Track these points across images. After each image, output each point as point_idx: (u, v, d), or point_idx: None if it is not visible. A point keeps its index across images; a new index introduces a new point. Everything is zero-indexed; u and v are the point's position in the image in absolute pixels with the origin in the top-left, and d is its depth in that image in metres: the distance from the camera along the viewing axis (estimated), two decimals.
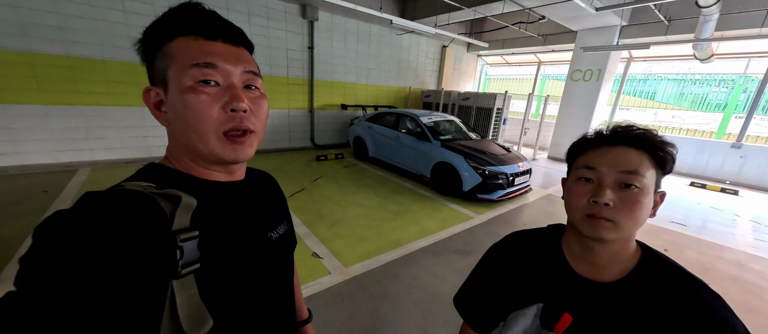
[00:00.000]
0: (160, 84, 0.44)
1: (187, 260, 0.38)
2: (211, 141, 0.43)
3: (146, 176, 0.45)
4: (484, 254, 0.70)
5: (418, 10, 6.87)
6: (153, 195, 0.39)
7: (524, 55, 9.18)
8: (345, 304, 1.98)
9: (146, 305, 0.35)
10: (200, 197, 0.43)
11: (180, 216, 0.39)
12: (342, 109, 7.06)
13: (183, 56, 0.42)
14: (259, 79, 0.48)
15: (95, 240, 0.32)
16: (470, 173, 3.89)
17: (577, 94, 6.78)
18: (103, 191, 0.38)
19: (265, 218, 0.55)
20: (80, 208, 0.35)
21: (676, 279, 0.50)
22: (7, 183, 3.58)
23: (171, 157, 0.48)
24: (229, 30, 0.46)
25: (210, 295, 0.40)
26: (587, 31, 6.31)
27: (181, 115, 0.43)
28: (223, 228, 0.45)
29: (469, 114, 7.09)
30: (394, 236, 2.96)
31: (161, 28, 0.43)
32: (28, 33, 3.77)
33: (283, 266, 0.58)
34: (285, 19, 5.71)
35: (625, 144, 0.49)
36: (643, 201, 0.47)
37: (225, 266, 0.44)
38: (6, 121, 3.87)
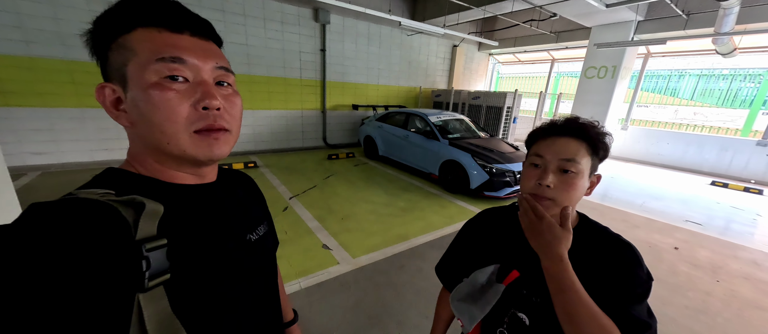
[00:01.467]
0: (118, 80, 0.40)
1: (155, 270, 0.35)
2: (181, 140, 0.40)
3: (104, 182, 0.41)
4: (461, 228, 0.83)
5: (427, 11, 6.95)
6: (111, 203, 0.36)
7: (537, 53, 9.06)
8: (352, 291, 2.12)
9: (106, 326, 0.32)
10: (168, 203, 0.40)
11: (145, 224, 0.36)
12: (353, 110, 7.23)
13: (145, 50, 0.38)
14: (231, 75, 0.46)
15: (39, 258, 0.29)
16: (478, 170, 3.95)
17: (591, 91, 6.65)
18: (53, 201, 0.35)
19: (242, 220, 0.53)
20: (24, 221, 0.32)
21: (601, 239, 0.62)
22: (50, 180, 3.94)
23: (133, 161, 0.44)
24: (197, 22, 0.43)
25: (183, 306, 0.38)
26: (601, 27, 6.19)
27: (145, 114, 0.39)
28: (194, 234, 0.43)
29: (479, 113, 7.09)
30: (401, 230, 3.08)
31: (117, 17, 0.39)
32: (67, 43, 4.14)
33: (264, 269, 0.56)
34: (298, 23, 5.93)
35: (567, 135, 0.60)
36: (578, 183, 0.58)
37: (199, 274, 0.41)
38: (49, 123, 4.26)
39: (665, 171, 6.39)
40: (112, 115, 0.41)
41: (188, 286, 0.39)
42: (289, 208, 3.46)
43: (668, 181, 5.58)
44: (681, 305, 2.14)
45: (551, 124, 0.63)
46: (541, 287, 0.61)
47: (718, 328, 1.95)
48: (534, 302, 0.62)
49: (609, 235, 0.63)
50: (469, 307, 0.65)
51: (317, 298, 2.03)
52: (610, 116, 6.50)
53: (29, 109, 4.13)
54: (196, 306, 0.40)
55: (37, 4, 3.88)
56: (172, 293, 0.37)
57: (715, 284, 2.41)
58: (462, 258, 0.78)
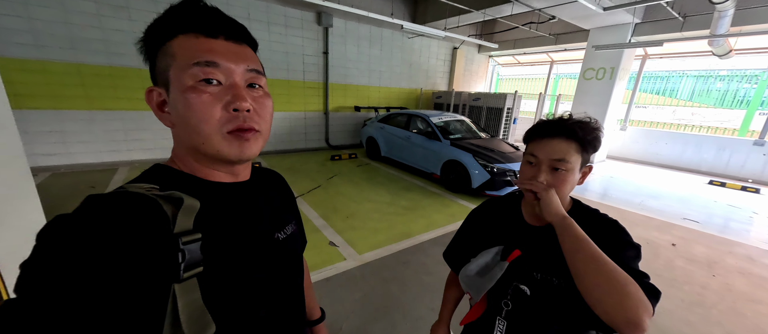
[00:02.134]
0: (163, 84, 0.43)
1: (190, 262, 0.37)
2: (215, 140, 0.43)
3: (151, 177, 0.45)
4: (467, 216, 0.92)
5: (428, 14, 7.06)
6: (155, 197, 0.39)
7: (536, 55, 9.17)
8: (359, 285, 2.19)
9: (147, 310, 0.35)
10: (204, 199, 0.43)
11: (182, 218, 0.39)
12: (355, 111, 7.32)
13: (184, 55, 0.41)
14: (263, 77, 0.48)
15: (96, 244, 0.32)
16: (479, 170, 4.03)
17: (590, 92, 6.74)
18: (106, 193, 0.38)
19: (272, 219, 0.54)
20: (82, 211, 0.35)
21: (591, 219, 0.70)
22: (60, 180, 4.02)
23: (176, 159, 0.48)
24: (232, 27, 0.45)
25: (213, 299, 0.40)
26: (599, 29, 6.29)
27: (183, 116, 0.42)
28: (226, 230, 0.45)
29: (480, 114, 7.19)
30: (405, 228, 3.15)
31: (162, 26, 0.42)
32: (77, 47, 4.24)
33: (290, 267, 0.57)
34: (302, 27, 6.04)
35: (557, 136, 0.67)
36: (569, 178, 0.67)
37: (228, 268, 0.43)
38: (59, 125, 4.36)
39: (663, 171, 6.46)
40: (158, 117, 0.45)
41: (218, 279, 0.41)
42: None
43: (666, 180, 5.66)
44: (677, 298, 2.21)
45: (545, 124, 0.70)
46: (541, 264, 0.70)
47: (713, 319, 2.02)
48: (534, 277, 0.70)
49: (597, 215, 0.71)
50: (477, 280, 0.73)
51: (326, 291, 2.10)
52: (608, 117, 6.59)
53: (41, 112, 4.22)
54: (224, 299, 0.42)
55: (48, 9, 3.98)
56: (204, 286, 0.39)
57: (711, 279, 2.48)
58: (468, 243, 0.86)
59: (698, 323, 1.98)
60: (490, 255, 0.75)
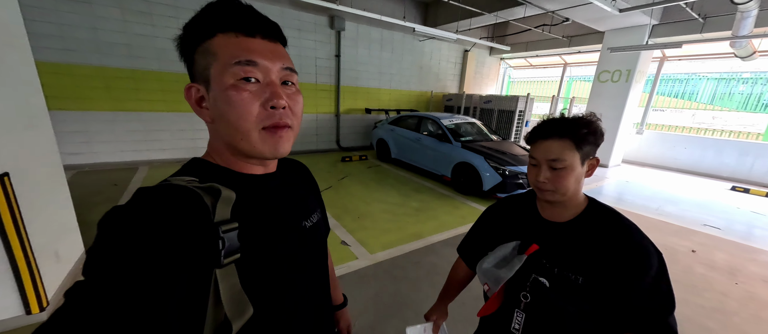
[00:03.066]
0: (202, 81, 0.45)
1: (229, 250, 0.40)
2: (252, 138, 0.45)
3: (190, 170, 0.48)
4: (482, 213, 0.94)
5: (439, 17, 7.08)
6: (196, 189, 0.41)
7: (549, 57, 9.06)
8: (371, 284, 2.22)
9: (194, 292, 0.38)
10: (238, 190, 0.45)
11: (221, 208, 0.41)
12: (366, 113, 7.38)
13: (225, 54, 0.43)
14: (295, 75, 0.49)
15: (148, 232, 0.35)
16: (491, 172, 4.01)
17: (605, 95, 6.62)
18: (154, 186, 0.41)
19: (299, 208, 0.57)
20: (134, 203, 0.38)
21: (608, 219, 0.71)
22: (84, 178, 4.21)
23: (212, 152, 0.50)
24: (267, 26, 0.47)
25: (249, 283, 0.42)
26: (615, 31, 6.18)
27: (223, 113, 0.44)
28: (260, 219, 0.48)
29: (491, 117, 7.14)
30: (415, 229, 3.17)
31: (201, 24, 0.44)
32: (102, 51, 4.44)
33: (317, 253, 0.60)
34: (315, 30, 6.15)
35: (552, 137, 0.70)
36: (568, 175, 0.69)
37: (263, 255, 0.46)
38: (83, 125, 4.56)
39: (682, 176, 6.27)
40: (197, 112, 0.47)
41: (253, 265, 0.44)
42: None
43: (685, 185, 5.49)
44: (696, 305, 2.15)
45: (540, 125, 0.73)
46: (560, 259, 0.72)
47: (734, 327, 1.96)
48: (553, 271, 0.72)
49: (614, 216, 0.72)
50: (495, 271, 0.75)
51: None
52: (624, 120, 6.45)
53: (67, 113, 4.43)
54: (259, 284, 0.44)
55: (76, 15, 4.19)
56: (241, 271, 0.42)
57: (733, 286, 2.40)
58: (484, 239, 0.88)
59: (719, 330, 1.92)
60: (508, 249, 0.77)
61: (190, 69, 0.47)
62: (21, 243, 1.42)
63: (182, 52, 0.46)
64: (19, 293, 1.46)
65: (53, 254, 1.72)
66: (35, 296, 1.50)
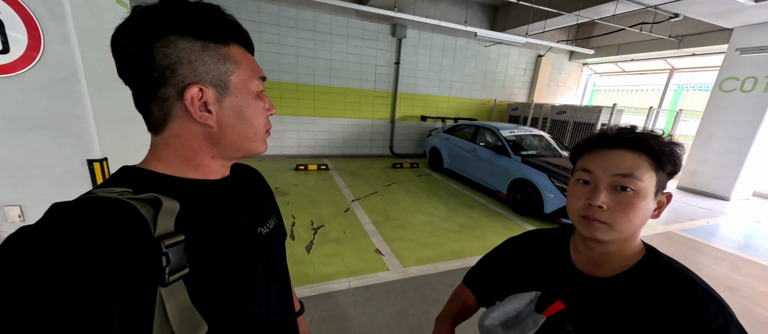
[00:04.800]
0: (215, 86, 0.43)
1: (174, 266, 0.37)
2: (259, 140, 0.49)
3: (121, 180, 0.42)
4: (502, 243, 0.77)
5: (508, 20, 6.59)
6: (130, 201, 0.37)
7: (650, 62, 7.56)
8: (397, 300, 2.11)
9: (133, 319, 0.34)
10: (183, 199, 0.42)
11: (162, 221, 0.37)
12: (421, 121, 7.27)
13: (248, 67, 0.45)
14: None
15: (64, 257, 0.30)
16: (555, 193, 3.49)
17: (729, 108, 5.19)
18: (73, 200, 0.36)
19: (254, 214, 0.54)
20: (47, 222, 0.33)
21: (672, 280, 0.49)
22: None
23: (155, 160, 0.45)
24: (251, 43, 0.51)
25: (202, 299, 0.40)
26: (747, 28, 4.81)
27: (246, 118, 0.46)
28: (210, 229, 0.44)
29: (565, 129, 6.29)
30: (457, 247, 2.93)
31: (212, 27, 0.42)
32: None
33: (276, 261, 0.58)
34: (377, 39, 6.34)
35: (622, 147, 0.50)
36: (639, 204, 0.48)
37: (215, 267, 0.43)
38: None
39: None
40: (196, 115, 0.42)
41: (206, 279, 0.41)
42: (350, 210, 3.68)
43: None
44: None
45: (601, 134, 0.54)
46: (590, 324, 0.53)
47: None
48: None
49: (681, 281, 0.48)
50: (502, 333, 0.59)
51: (363, 299, 2.09)
52: (758, 141, 4.94)
53: None
54: (214, 298, 0.42)
55: None
56: (192, 287, 0.38)
57: None
58: (498, 275, 0.72)
59: None
60: (523, 302, 0.60)
61: (176, 68, 0.40)
62: None
63: (147, 42, 0.39)
64: None
65: None
66: None
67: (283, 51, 5.73)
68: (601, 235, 0.50)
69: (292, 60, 5.83)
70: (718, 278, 2.64)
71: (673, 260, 0.53)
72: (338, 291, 2.15)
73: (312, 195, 4.11)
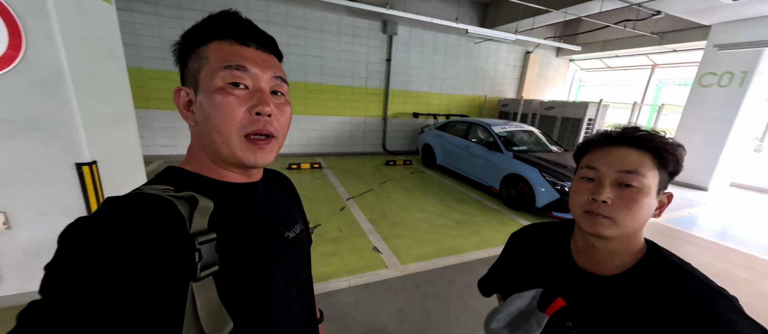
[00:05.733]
0: (191, 85, 0.45)
1: (206, 262, 0.38)
2: (232, 142, 0.44)
3: (165, 179, 0.46)
4: (507, 241, 0.78)
5: (498, 17, 6.65)
6: (171, 198, 0.40)
7: (633, 58, 7.80)
8: (398, 297, 2.13)
9: (167, 309, 0.36)
10: (217, 199, 0.44)
11: (197, 219, 0.40)
12: (414, 118, 7.29)
13: (216, 58, 0.43)
14: (285, 85, 0.50)
15: (116, 245, 0.33)
16: (546, 188, 3.57)
17: (708, 102, 5.41)
18: (124, 195, 0.39)
19: (281, 218, 0.55)
20: (102, 214, 0.36)
21: (674, 277, 0.50)
22: None
23: (191, 159, 0.49)
24: (262, 37, 0.47)
25: (229, 296, 0.41)
26: (726, 24, 5.01)
27: (207, 115, 0.43)
28: (240, 230, 0.46)
29: (553, 125, 6.42)
30: (454, 243, 2.97)
31: (199, 31, 0.45)
32: None
33: (300, 265, 0.57)
34: (368, 36, 6.30)
35: (626, 145, 0.52)
36: (642, 200, 0.49)
37: (243, 267, 0.44)
38: (172, 123, 5.39)
39: None
40: (183, 115, 0.47)
41: (233, 278, 0.42)
42: (345, 208, 3.67)
43: None
44: None
45: (605, 133, 0.55)
46: (591, 321, 0.54)
47: None
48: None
49: (685, 278, 0.49)
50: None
51: (364, 298, 2.10)
52: (735, 134, 5.18)
53: (163, 112, 5.30)
54: (239, 297, 0.42)
55: (172, 30, 4.99)
56: (220, 284, 0.40)
57: None
58: (504, 274, 0.73)
59: None
60: (525, 301, 0.61)
61: (182, 73, 0.47)
62: None
63: (178, 58, 0.48)
64: None
65: None
66: None
67: None
68: (604, 230, 0.50)
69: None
70: (702, 266, 2.76)
71: (675, 256, 0.54)
72: (338, 290, 2.15)
73: (307, 194, 4.07)
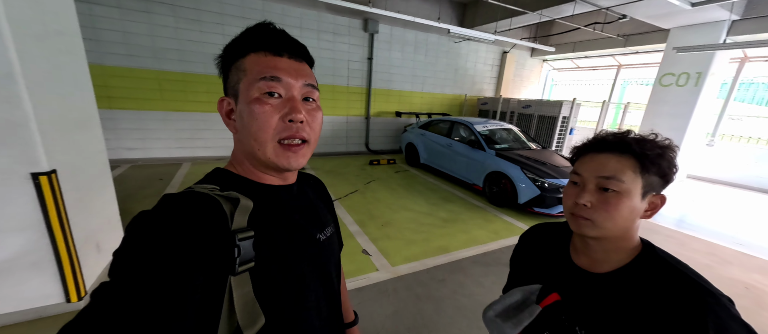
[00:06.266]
0: (232, 95, 0.49)
1: (244, 258, 0.41)
2: (268, 148, 0.47)
3: (213, 179, 0.50)
4: (517, 242, 0.80)
5: (477, 17, 6.78)
6: (217, 197, 0.43)
7: (600, 59, 8.26)
8: (390, 300, 2.11)
9: (210, 298, 0.39)
10: (256, 200, 0.47)
11: (238, 217, 0.43)
12: (396, 117, 7.29)
13: (253, 70, 0.47)
14: (316, 92, 0.52)
15: (171, 236, 0.37)
16: (527, 184, 3.69)
17: (667, 101, 5.84)
18: (178, 193, 0.43)
19: (314, 221, 0.58)
20: (160, 209, 0.40)
21: (667, 276, 0.52)
22: (137, 171, 4.62)
23: (235, 162, 0.53)
24: (294, 46, 0.50)
25: (262, 293, 0.43)
26: (683, 28, 5.43)
27: (246, 124, 0.47)
28: (275, 229, 0.48)
29: (530, 123, 6.66)
30: (442, 242, 2.99)
31: (237, 45, 0.49)
32: (158, 55, 4.86)
33: (330, 268, 0.59)
34: (348, 34, 6.20)
35: (608, 151, 0.54)
36: (620, 203, 0.52)
37: (276, 265, 0.46)
38: (140, 124, 5.03)
39: (766, 197, 5.30)
40: (226, 123, 0.51)
41: (267, 275, 0.44)
42: None
43: None
44: None
45: (592, 140, 0.58)
46: (584, 316, 0.56)
47: None
48: (572, 330, 0.56)
49: (681, 279, 0.50)
50: (500, 325, 0.62)
51: (356, 302, 2.05)
52: (691, 130, 5.63)
53: (128, 112, 4.92)
54: (272, 295, 0.45)
55: (137, 24, 4.63)
56: (255, 280, 0.43)
57: None
58: (514, 274, 0.75)
59: None
60: (524, 294, 0.63)
61: (225, 84, 0.51)
62: (64, 235, 1.53)
63: (221, 70, 0.52)
64: (61, 283, 1.57)
65: (95, 246, 1.84)
66: (74, 286, 1.61)
67: None
68: (586, 231, 0.54)
69: None
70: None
71: (669, 255, 0.56)
72: None
73: None
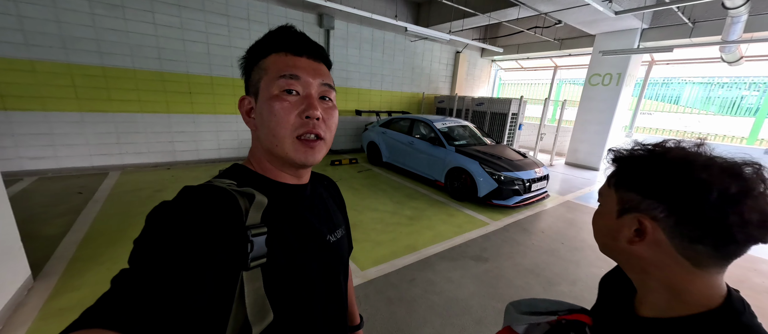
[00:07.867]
0: (253, 93, 0.51)
1: (256, 253, 0.41)
2: (286, 144, 0.49)
3: (231, 174, 0.51)
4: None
5: (431, 17, 6.94)
6: (234, 192, 0.44)
7: (540, 60, 9.06)
8: (362, 307, 2.01)
9: (222, 290, 0.39)
10: (271, 197, 0.48)
11: (253, 213, 0.43)
12: (356, 115, 7.16)
13: (274, 69, 0.48)
14: (333, 91, 0.54)
15: (189, 227, 0.38)
16: (485, 178, 3.87)
17: (595, 98, 6.62)
18: (198, 186, 0.44)
19: (326, 221, 0.58)
20: (179, 200, 0.41)
21: None
22: (47, 185, 3.83)
23: (251, 159, 0.54)
24: (314, 48, 0.52)
25: (272, 290, 0.43)
26: (606, 34, 6.18)
27: (265, 120, 0.48)
28: (287, 227, 0.49)
29: (484, 119, 7.04)
30: (410, 240, 2.97)
31: (260, 46, 0.51)
32: (68, 46, 4.07)
33: (338, 269, 0.59)
34: (303, 29, 5.76)
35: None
36: (600, 221, 0.52)
37: (286, 263, 0.47)
38: (47, 127, 4.17)
39: None
40: (245, 121, 0.53)
41: (277, 272, 0.45)
42: None
43: None
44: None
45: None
46: None
47: None
48: None
49: None
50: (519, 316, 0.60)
51: None
52: (614, 124, 6.46)
53: (28, 113, 4.04)
54: (281, 291, 0.45)
55: (38, 7, 3.82)
56: (265, 276, 0.43)
57: None
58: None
59: None
60: (559, 306, 0.60)
61: (247, 83, 0.53)
62: None
63: (244, 71, 0.53)
64: None
65: None
66: None
67: (190, 37, 4.80)
68: None
69: (201, 48, 4.94)
70: None
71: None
72: None
73: None
